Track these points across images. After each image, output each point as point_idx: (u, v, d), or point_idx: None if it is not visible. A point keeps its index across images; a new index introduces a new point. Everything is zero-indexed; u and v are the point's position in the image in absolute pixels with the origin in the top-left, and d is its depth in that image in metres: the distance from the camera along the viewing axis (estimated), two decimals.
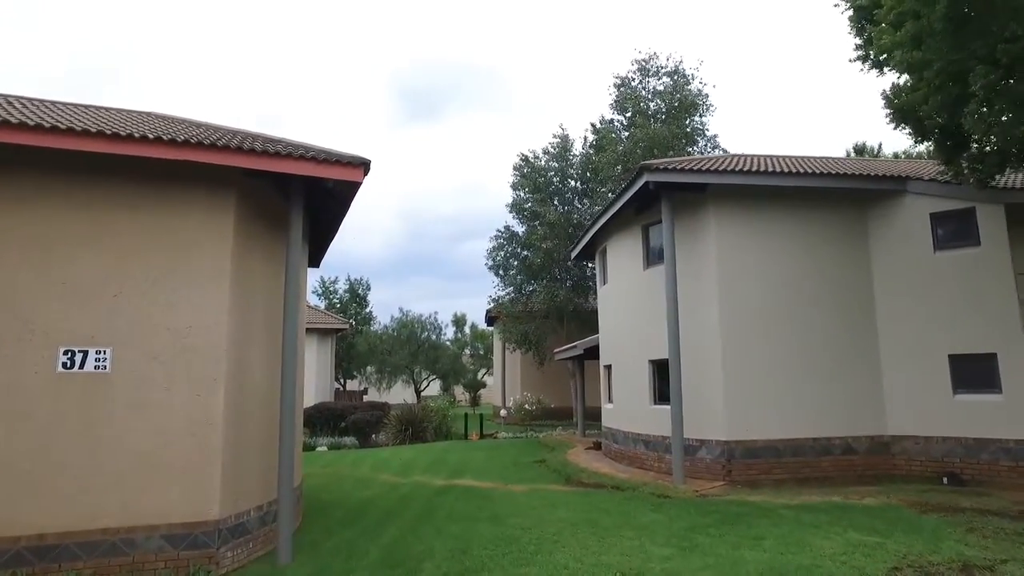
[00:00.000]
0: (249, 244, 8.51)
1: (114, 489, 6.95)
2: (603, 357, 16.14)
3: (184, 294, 7.64)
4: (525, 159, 28.26)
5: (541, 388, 28.76)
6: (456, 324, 54.15)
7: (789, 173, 11.31)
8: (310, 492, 12.61)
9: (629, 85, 26.51)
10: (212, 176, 7.88)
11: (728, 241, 11.69)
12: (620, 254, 14.53)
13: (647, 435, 12.81)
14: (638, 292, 13.55)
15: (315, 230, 12.00)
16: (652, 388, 12.93)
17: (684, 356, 11.37)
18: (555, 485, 12.03)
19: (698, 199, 11.97)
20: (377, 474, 14.86)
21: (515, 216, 28.11)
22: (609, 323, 15.46)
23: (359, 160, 8.30)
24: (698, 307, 11.75)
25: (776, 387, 11.26)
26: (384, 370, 39.73)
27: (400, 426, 21.94)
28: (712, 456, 11.21)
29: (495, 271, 28.34)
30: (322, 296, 43.00)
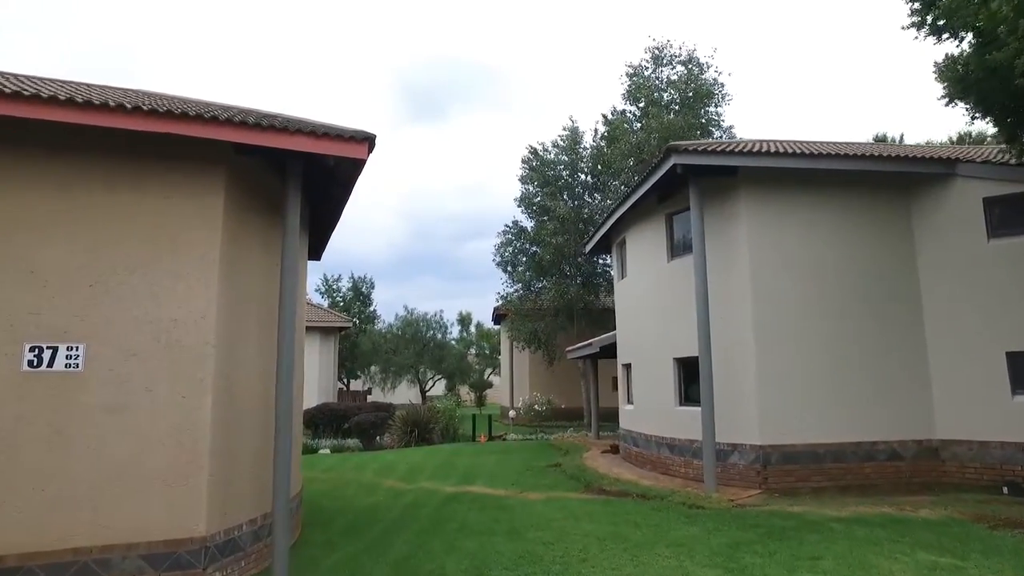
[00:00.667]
0: (242, 231, 7.70)
1: (86, 503, 6.13)
2: (621, 355, 15.29)
3: (168, 284, 6.82)
4: (534, 152, 27.41)
5: (550, 388, 27.91)
6: (461, 323, 53.38)
7: (827, 155, 10.42)
8: (311, 498, 11.81)
9: (642, 75, 25.63)
10: (199, 153, 7.07)
11: (761, 230, 10.82)
12: (641, 246, 13.67)
13: (672, 438, 11.95)
14: (661, 285, 12.69)
15: (315, 219, 11.20)
16: (678, 388, 12.07)
17: (714, 354, 10.50)
18: (574, 493, 11.18)
19: (728, 184, 11.10)
20: (382, 479, 14.05)
21: (524, 211, 27.27)
22: (628, 319, 14.60)
23: (362, 134, 7.46)
24: (729, 301, 10.89)
25: (814, 387, 10.40)
26: (388, 370, 38.87)
27: (405, 428, 21.12)
28: (746, 462, 10.35)
29: (503, 267, 27.48)
30: (325, 294, 42.26)
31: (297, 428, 9.80)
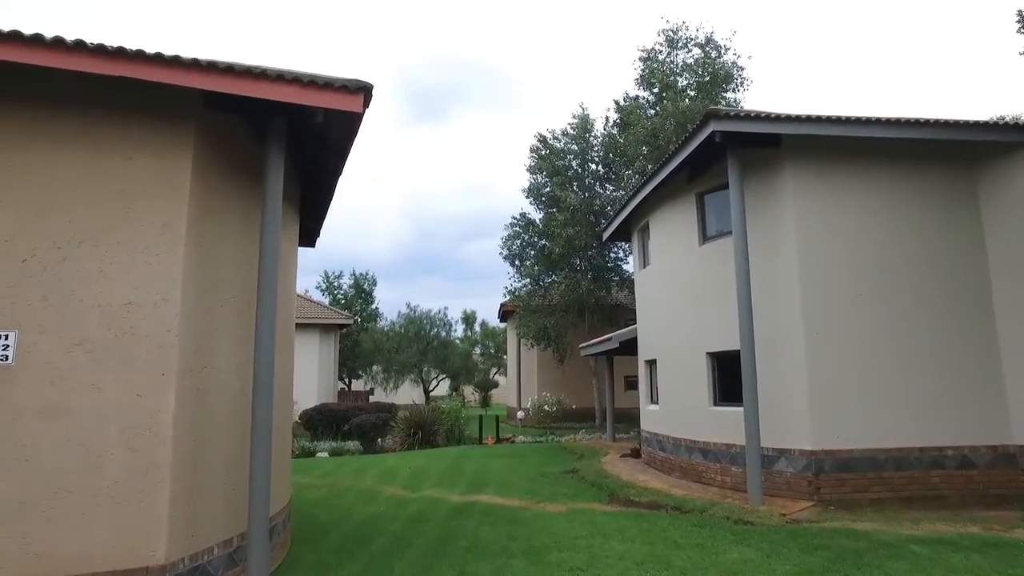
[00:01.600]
0: (215, 202, 6.51)
1: (15, 527, 4.94)
2: (643, 351, 14.06)
3: (122, 261, 5.63)
4: (543, 140, 26.19)
5: (560, 387, 26.68)
6: (466, 322, 52.06)
7: (887, 122, 9.16)
8: (304, 508, 10.65)
9: (656, 59, 24.37)
10: (163, 105, 5.91)
11: (809, 208, 9.58)
12: (667, 230, 12.44)
13: (706, 442, 10.72)
14: (692, 273, 11.46)
15: (307, 198, 10.01)
16: (712, 386, 10.84)
17: (757, 347, 9.26)
18: (598, 504, 9.96)
19: (772, 157, 9.87)
20: (383, 486, 12.87)
21: (532, 202, 26.09)
22: (652, 311, 13.36)
23: (356, 83, 6.24)
24: (773, 288, 9.66)
25: (872, 385, 9.15)
26: (391, 369, 37.64)
27: (408, 429, 19.90)
28: (794, 469, 9.11)
29: (510, 261, 26.29)
30: (326, 292, 41.08)
31: (285, 431, 8.61)
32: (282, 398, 8.50)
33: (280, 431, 8.28)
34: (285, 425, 8.67)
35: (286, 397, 8.81)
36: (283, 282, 8.52)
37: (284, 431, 8.62)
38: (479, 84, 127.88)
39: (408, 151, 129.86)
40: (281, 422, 8.38)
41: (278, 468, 8.09)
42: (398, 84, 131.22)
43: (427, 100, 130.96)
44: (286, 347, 8.72)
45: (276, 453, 7.90)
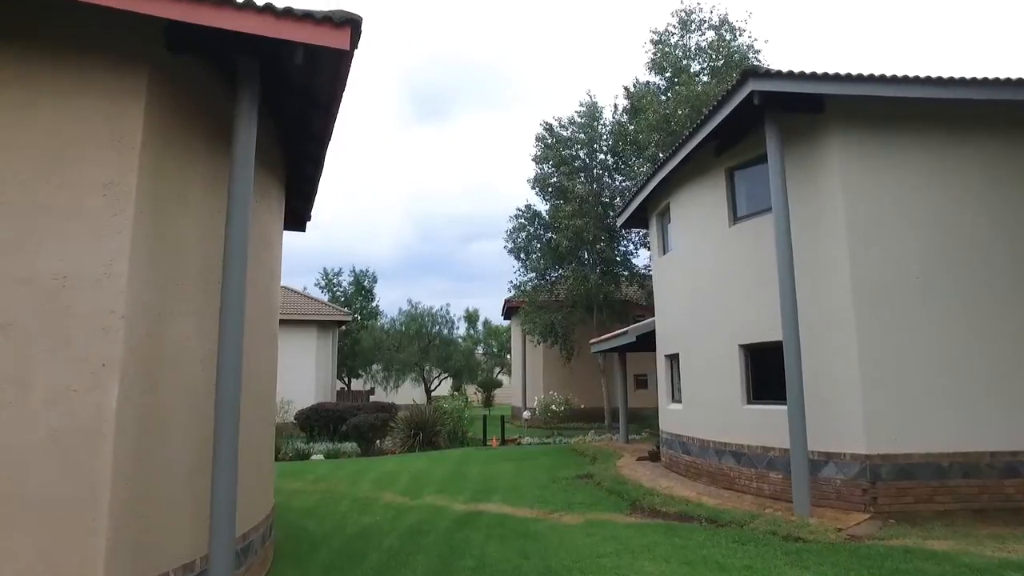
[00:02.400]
0: (176, 160, 5.44)
1: None
2: (663, 345, 12.97)
3: (54, 225, 4.58)
4: (549, 128, 25.09)
5: (567, 386, 25.57)
6: (468, 320, 50.92)
7: (947, 82, 8.06)
8: (292, 518, 9.63)
9: (667, 42, 23.23)
10: (110, 40, 4.86)
11: (858, 181, 8.49)
12: (691, 211, 11.35)
13: (738, 445, 9.63)
14: (721, 257, 10.37)
15: (294, 170, 8.97)
16: (744, 382, 9.75)
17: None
18: (619, 514, 8.88)
19: (815, 124, 8.79)
20: (380, 492, 11.81)
21: (538, 193, 24.96)
22: (673, 301, 12.27)
23: (343, 16, 5.17)
24: (817, 271, 8.57)
25: (934, 380, 8.04)
26: (391, 368, 36.50)
27: (409, 430, 18.83)
28: (845, 476, 8.02)
29: (515, 254, 25.18)
30: (325, 289, 40.01)
31: (265, 433, 7.54)
32: (262, 395, 7.44)
33: (259, 433, 7.22)
34: (265, 426, 7.61)
35: (267, 394, 7.75)
36: (263, 262, 7.46)
37: (264, 433, 7.55)
38: (481, 82, 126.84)
39: (410, 151, 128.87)
40: (261, 423, 7.32)
41: (256, 475, 7.03)
42: (401, 84, 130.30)
43: (429, 100, 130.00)
44: (267, 336, 7.66)
45: (254, 458, 6.85)
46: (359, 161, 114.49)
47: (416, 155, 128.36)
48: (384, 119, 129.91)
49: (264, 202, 7.45)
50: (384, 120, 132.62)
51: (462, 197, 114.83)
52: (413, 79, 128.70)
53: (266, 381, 7.55)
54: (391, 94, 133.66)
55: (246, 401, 6.65)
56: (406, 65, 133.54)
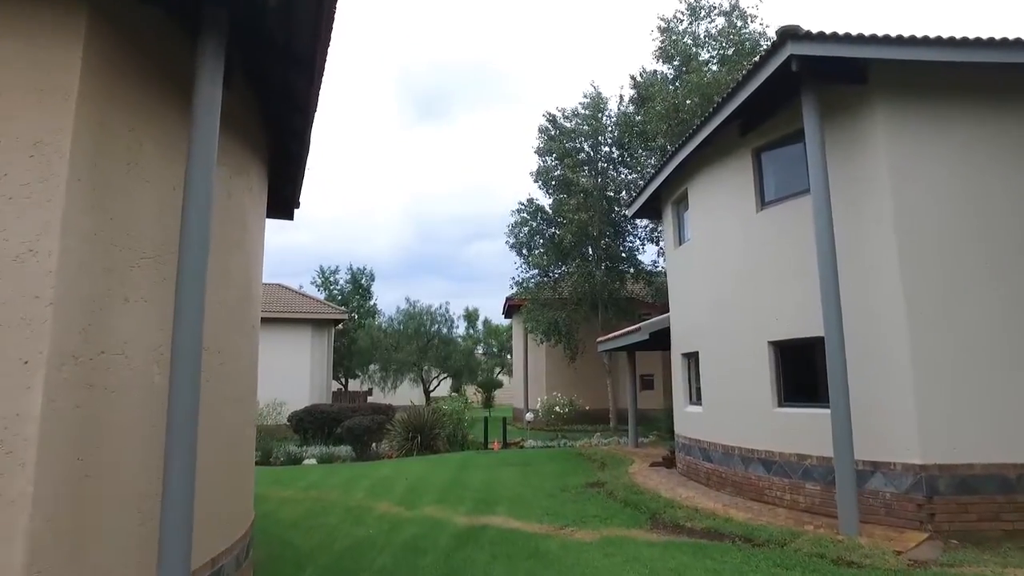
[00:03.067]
0: (124, 121, 4.52)
1: None
2: (678, 343, 12.06)
3: None
4: (552, 119, 24.21)
5: (571, 387, 24.67)
6: (468, 319, 49.96)
7: (1017, 44, 7.15)
8: (278, 531, 8.80)
9: (676, 30, 22.36)
10: None
11: (906, 160, 7.58)
12: (713, 196, 10.45)
13: (768, 452, 8.72)
14: (747, 246, 9.47)
15: (277, 147, 8.07)
16: (776, 383, 8.85)
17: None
18: (638, 530, 7.97)
19: (856, 97, 7.89)
20: (374, 501, 10.92)
21: (541, 186, 24.07)
22: (692, 295, 11.35)
23: None
24: (861, 259, 7.67)
25: (1001, 379, 7.10)
26: (389, 368, 35.52)
27: (406, 433, 17.91)
28: (897, 488, 7.10)
29: (517, 250, 24.28)
30: (321, 288, 39.08)
31: (241, 440, 6.61)
32: (239, 396, 6.53)
33: (235, 440, 6.31)
34: (243, 431, 6.69)
35: (245, 395, 6.84)
36: (239, 245, 6.54)
37: (241, 439, 6.64)
38: (481, 81, 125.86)
39: (409, 152, 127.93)
40: (237, 427, 6.41)
41: (230, 489, 6.13)
42: (400, 84, 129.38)
43: (428, 99, 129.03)
44: (245, 330, 6.74)
45: (227, 470, 5.94)
46: (357, 162, 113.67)
47: (416, 155, 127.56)
48: (382, 119, 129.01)
49: (241, 179, 6.55)
50: (383, 120, 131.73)
51: (462, 197, 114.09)
52: (412, 78, 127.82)
53: (244, 381, 6.64)
54: (389, 93, 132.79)
55: (219, 404, 5.75)
56: (404, 64, 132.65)
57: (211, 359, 5.58)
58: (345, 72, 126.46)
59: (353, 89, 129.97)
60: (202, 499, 5.32)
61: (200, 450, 5.10)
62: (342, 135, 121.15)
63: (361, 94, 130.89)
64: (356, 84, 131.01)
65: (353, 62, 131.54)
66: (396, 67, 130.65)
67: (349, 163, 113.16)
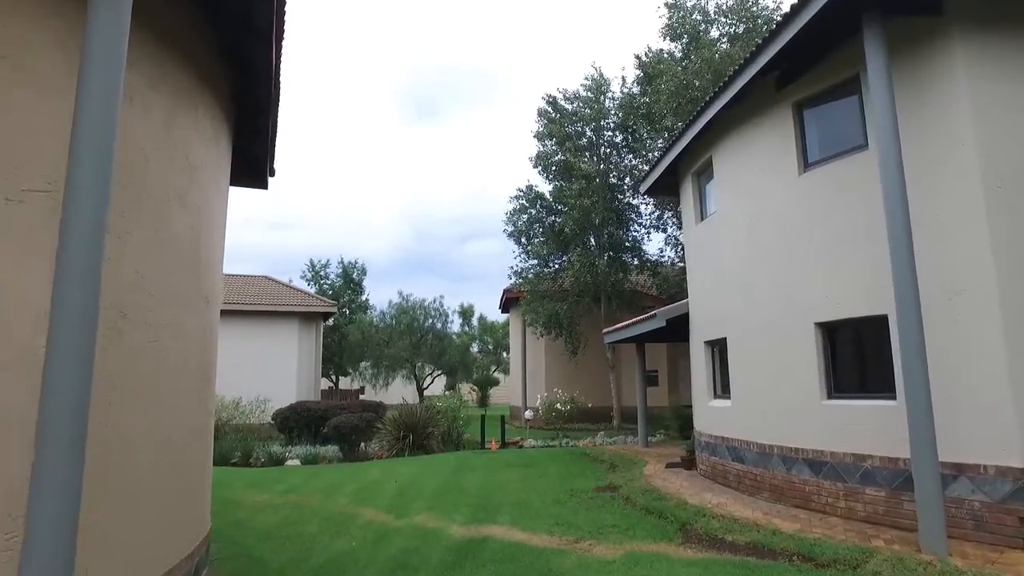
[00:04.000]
0: None
1: None
2: (700, 330, 10.81)
3: None
4: (552, 101, 22.94)
5: (572, 383, 23.40)
6: (463, 316, 48.57)
7: None
8: (249, 542, 7.64)
9: (683, 6, 21.13)
10: None
11: (992, 104, 6.34)
12: (744, 161, 9.20)
13: (816, 451, 7.48)
14: (787, 214, 8.23)
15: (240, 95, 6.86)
16: (824, 371, 7.60)
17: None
18: (667, 543, 6.72)
19: (927, 32, 6.65)
20: (360, 508, 9.69)
21: (541, 172, 22.79)
22: (716, 276, 10.09)
23: None
24: (936, 226, 6.43)
25: None
26: (380, 364, 34.11)
27: (397, 432, 16.62)
28: (990, 497, 5.86)
29: (516, 238, 22.99)
30: (312, 281, 37.69)
31: (188, 439, 5.34)
32: (182, 386, 5.28)
33: (177, 437, 5.05)
34: (189, 428, 5.43)
35: (194, 384, 5.57)
36: (183, 199, 5.27)
37: (188, 437, 5.37)
38: (477, 80, 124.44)
39: (406, 152, 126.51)
40: (180, 423, 5.16)
41: (172, 498, 4.88)
42: (397, 84, 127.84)
43: (425, 99, 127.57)
44: (192, 307, 5.48)
45: (164, 474, 4.70)
46: (354, 163, 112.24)
47: (412, 155, 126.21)
48: (380, 120, 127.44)
49: (186, 114, 5.29)
50: (378, 121, 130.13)
51: (459, 197, 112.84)
52: (408, 77, 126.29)
53: (191, 365, 5.37)
54: (385, 93, 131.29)
55: (151, 392, 4.48)
56: (401, 63, 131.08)
57: (136, 335, 4.31)
58: (341, 72, 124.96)
59: (350, 90, 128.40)
60: (127, 512, 4.07)
61: (120, 450, 3.85)
62: (339, 135, 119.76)
63: (357, 95, 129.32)
64: (353, 84, 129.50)
65: (349, 60, 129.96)
66: (394, 66, 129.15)
67: (345, 164, 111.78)
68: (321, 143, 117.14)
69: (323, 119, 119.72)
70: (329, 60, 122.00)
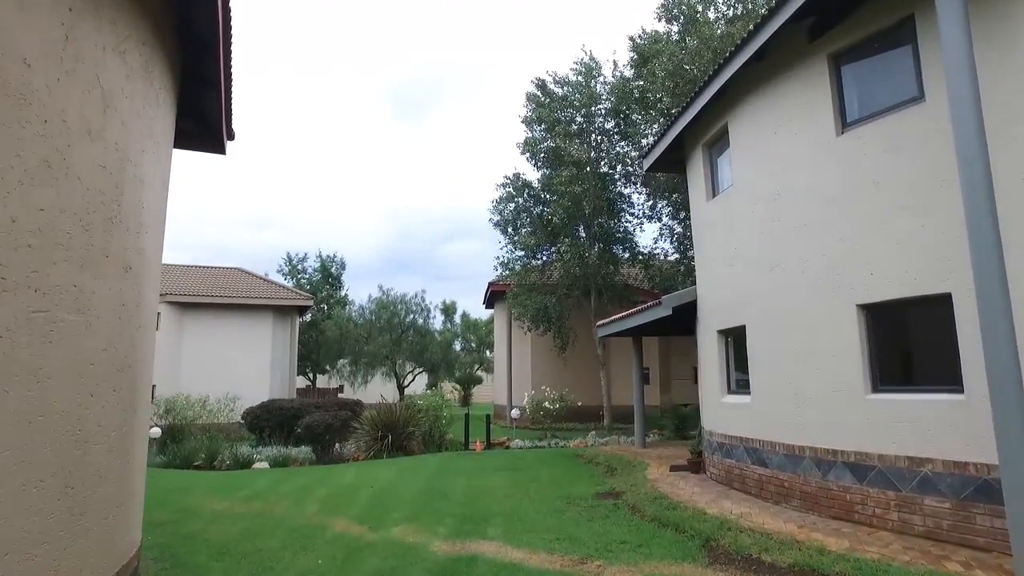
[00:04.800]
0: None
1: None
2: (711, 317, 9.74)
3: None
4: (542, 85, 21.82)
5: (560, 381, 22.30)
6: (445, 312, 47.21)
7: None
8: (199, 560, 6.68)
9: None
10: None
11: None
12: (767, 125, 8.13)
13: (860, 453, 6.43)
14: (824, 181, 7.16)
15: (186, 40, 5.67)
16: (868, 360, 6.55)
17: (963, 287, 5.03)
18: (695, 566, 5.63)
19: None
20: (329, 517, 8.56)
21: (529, 159, 21.66)
22: (733, 257, 9.00)
23: None
24: (1014, 189, 5.40)
25: None
26: (359, 361, 32.72)
27: (375, 432, 15.43)
28: None
29: (502, 228, 21.84)
30: (288, 276, 36.27)
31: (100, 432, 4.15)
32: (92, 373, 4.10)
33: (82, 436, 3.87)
34: (108, 424, 4.25)
35: (112, 370, 4.40)
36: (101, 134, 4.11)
37: (105, 436, 4.19)
38: (459, 81, 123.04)
39: (389, 149, 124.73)
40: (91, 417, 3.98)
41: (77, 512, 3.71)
42: (381, 83, 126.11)
43: (408, 99, 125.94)
44: (104, 270, 4.30)
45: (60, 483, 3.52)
46: (336, 160, 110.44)
47: (395, 152, 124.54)
48: (362, 117, 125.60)
49: (98, 29, 4.11)
50: (362, 119, 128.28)
51: (443, 196, 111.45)
52: (392, 73, 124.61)
53: (96, 350, 4.18)
54: (369, 90, 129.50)
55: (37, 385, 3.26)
56: (385, 57, 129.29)
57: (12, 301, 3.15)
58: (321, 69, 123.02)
59: (332, 86, 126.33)
60: None
61: None
62: (321, 134, 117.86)
63: (340, 90, 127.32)
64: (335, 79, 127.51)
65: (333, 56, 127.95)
66: (378, 62, 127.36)
67: (327, 162, 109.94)
68: (302, 141, 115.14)
69: (305, 118, 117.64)
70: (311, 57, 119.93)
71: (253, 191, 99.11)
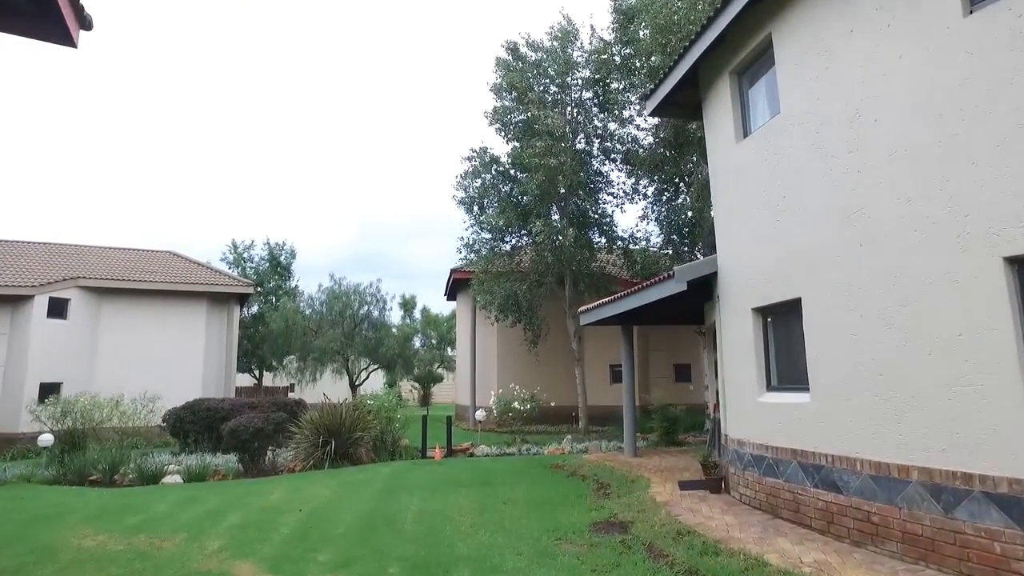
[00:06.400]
0: None
1: None
2: (739, 295, 7.55)
3: None
4: (514, 48, 19.50)
5: (531, 379, 20.01)
6: (404, 307, 44.47)
7: None
8: None
9: None
10: None
11: None
12: (841, 22, 5.95)
13: (1013, 482, 4.28)
14: (940, 85, 4.97)
15: None
16: (1022, 341, 4.44)
17: None
18: None
19: None
20: (233, 560, 6.25)
21: (499, 131, 19.33)
22: (779, 211, 6.79)
23: None
24: None
25: None
26: (307, 357, 29.87)
27: (316, 437, 12.91)
28: None
29: (467, 206, 19.45)
30: (233, 264, 33.19)
31: None
32: None
33: None
34: None
35: None
36: None
37: None
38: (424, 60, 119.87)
39: (350, 146, 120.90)
40: None
41: None
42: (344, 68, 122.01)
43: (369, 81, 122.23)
44: None
45: None
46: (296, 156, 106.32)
47: (357, 149, 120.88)
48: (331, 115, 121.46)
49: None
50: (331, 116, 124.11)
51: (406, 193, 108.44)
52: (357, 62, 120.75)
53: None
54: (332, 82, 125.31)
55: None
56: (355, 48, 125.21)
57: None
58: None
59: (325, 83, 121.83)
60: None
61: None
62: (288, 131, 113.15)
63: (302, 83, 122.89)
64: None
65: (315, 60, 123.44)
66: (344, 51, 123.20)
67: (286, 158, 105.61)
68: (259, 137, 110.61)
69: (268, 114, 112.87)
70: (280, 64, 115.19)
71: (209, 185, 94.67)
